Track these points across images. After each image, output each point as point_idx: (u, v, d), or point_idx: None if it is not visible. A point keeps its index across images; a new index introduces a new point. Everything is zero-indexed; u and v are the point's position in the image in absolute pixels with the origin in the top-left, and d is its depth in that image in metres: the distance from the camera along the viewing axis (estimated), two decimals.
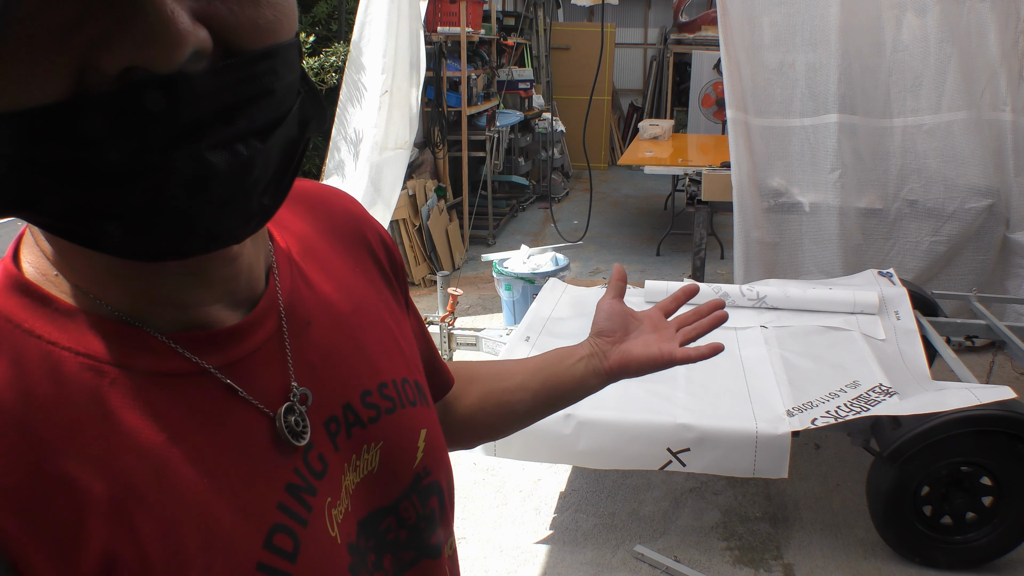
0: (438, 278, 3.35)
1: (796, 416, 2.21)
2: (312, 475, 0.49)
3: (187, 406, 0.45)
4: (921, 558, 2.43)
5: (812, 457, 3.04)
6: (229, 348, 0.48)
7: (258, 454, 0.47)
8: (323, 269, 0.58)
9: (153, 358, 0.45)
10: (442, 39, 5.44)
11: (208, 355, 0.47)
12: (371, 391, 0.56)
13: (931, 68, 3.70)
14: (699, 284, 2.03)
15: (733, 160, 3.80)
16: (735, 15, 3.68)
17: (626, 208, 7.42)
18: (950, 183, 3.79)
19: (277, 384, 0.50)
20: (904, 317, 2.85)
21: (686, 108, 8.82)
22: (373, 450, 0.55)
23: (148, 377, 0.44)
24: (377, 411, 0.56)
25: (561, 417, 2.21)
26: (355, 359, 0.56)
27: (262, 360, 0.50)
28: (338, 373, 0.54)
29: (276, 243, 0.55)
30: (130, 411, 0.43)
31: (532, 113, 7.45)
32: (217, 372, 0.47)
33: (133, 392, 0.43)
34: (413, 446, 0.59)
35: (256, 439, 0.48)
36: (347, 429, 0.53)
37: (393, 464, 0.56)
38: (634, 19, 9.75)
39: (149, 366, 0.45)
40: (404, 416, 0.58)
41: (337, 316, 0.56)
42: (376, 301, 0.62)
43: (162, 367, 0.45)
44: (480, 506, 2.77)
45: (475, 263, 5.48)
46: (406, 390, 0.59)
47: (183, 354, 0.46)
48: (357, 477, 0.53)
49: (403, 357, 0.62)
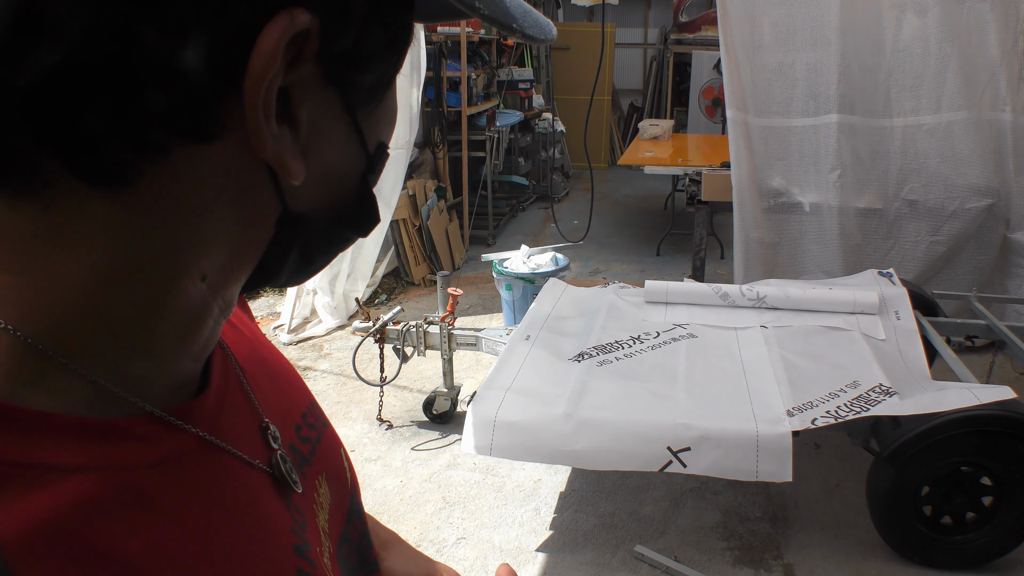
0: (438, 278, 3.35)
1: (796, 416, 2.21)
2: (300, 528, 0.45)
3: (197, 490, 0.38)
4: (921, 558, 2.43)
5: (812, 457, 3.04)
6: (211, 409, 0.43)
7: (269, 522, 0.43)
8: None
9: (148, 445, 0.37)
10: (442, 39, 5.44)
11: (200, 423, 0.41)
12: (299, 423, 0.53)
13: (931, 68, 3.70)
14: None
15: (733, 160, 3.80)
16: (735, 15, 3.68)
17: (626, 208, 7.42)
18: (950, 183, 3.79)
19: (253, 429, 0.46)
20: (904, 317, 2.85)
21: (686, 108, 8.82)
22: (323, 483, 0.52)
23: (146, 471, 0.36)
24: (311, 442, 0.53)
25: (561, 417, 2.21)
26: (277, 393, 0.53)
27: (234, 408, 0.45)
28: (274, 414, 0.50)
29: None
30: (140, 517, 0.35)
31: (532, 113, 7.45)
32: (212, 439, 0.41)
33: (129, 500, 0.35)
34: (343, 466, 0.57)
35: (262, 505, 0.43)
36: (300, 469, 0.49)
37: (337, 490, 0.54)
38: (634, 19, 9.75)
39: (145, 457, 0.36)
40: (328, 439, 0.56)
41: (247, 356, 0.52)
42: (254, 332, 0.57)
43: (162, 452, 0.37)
44: (480, 506, 2.77)
45: (475, 263, 5.48)
46: (316, 412, 0.57)
47: (179, 427, 0.39)
48: (325, 514, 0.51)
49: (298, 380, 0.58)
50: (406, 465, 3.05)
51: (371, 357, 3.39)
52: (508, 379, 2.42)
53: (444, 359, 3.30)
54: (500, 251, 4.13)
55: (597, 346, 2.66)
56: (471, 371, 3.81)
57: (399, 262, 5.10)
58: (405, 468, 3.03)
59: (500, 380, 2.41)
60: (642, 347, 2.67)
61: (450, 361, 3.31)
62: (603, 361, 2.56)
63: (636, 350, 2.65)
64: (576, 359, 2.57)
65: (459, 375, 3.62)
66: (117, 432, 0.36)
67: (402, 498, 2.83)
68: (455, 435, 3.22)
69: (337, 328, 4.37)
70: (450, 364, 3.32)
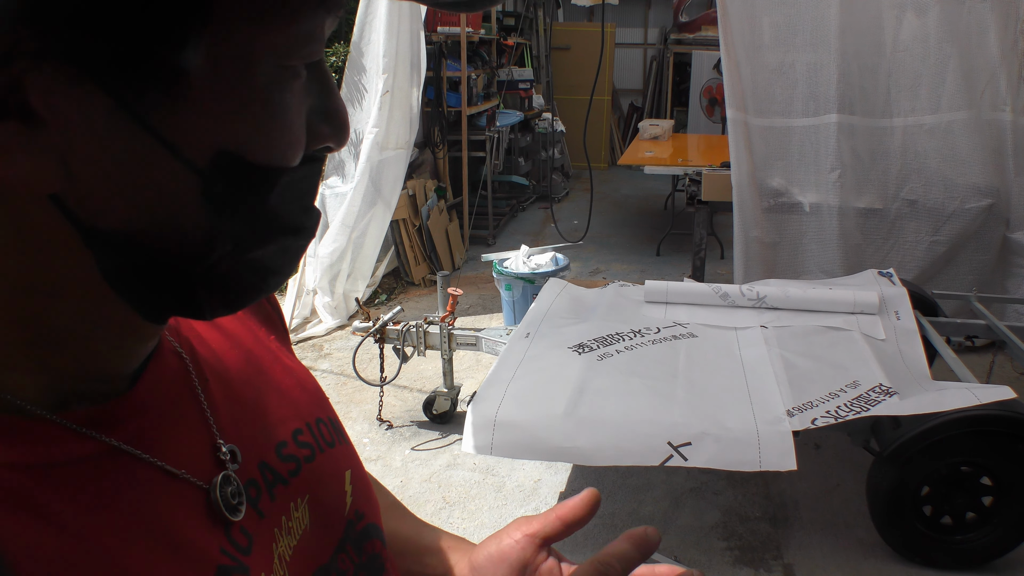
0: (438, 278, 3.35)
1: (796, 416, 2.21)
2: (239, 551, 0.42)
3: (93, 498, 0.36)
4: (921, 558, 2.43)
5: (812, 457, 3.04)
6: (137, 417, 0.41)
7: (185, 539, 0.40)
8: (208, 321, 0.52)
9: (48, 447, 0.36)
10: (442, 39, 5.45)
11: (114, 430, 0.39)
12: (286, 442, 0.50)
13: (931, 68, 3.70)
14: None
15: (733, 160, 3.80)
16: (735, 15, 3.68)
17: (626, 208, 7.42)
18: (950, 183, 3.79)
19: (199, 445, 0.44)
20: (904, 317, 2.85)
21: (686, 108, 8.82)
22: (302, 506, 0.49)
23: (31, 472, 0.35)
24: (296, 462, 0.50)
25: (561, 414, 2.21)
26: (260, 411, 0.50)
27: (175, 421, 0.43)
28: (246, 430, 0.48)
29: None
30: (12, 516, 0.33)
31: (532, 113, 7.45)
32: (128, 447, 0.39)
33: (15, 493, 0.33)
34: (341, 491, 0.53)
35: (182, 520, 0.40)
36: (268, 490, 0.47)
37: (324, 516, 0.51)
38: (634, 19, 9.75)
39: (40, 459, 0.35)
40: (326, 460, 0.52)
41: (232, 368, 0.50)
42: (264, 345, 0.56)
43: (60, 455, 0.36)
44: (480, 506, 2.77)
45: (475, 263, 5.48)
46: (322, 431, 0.54)
47: (86, 434, 0.37)
48: (293, 540, 0.47)
49: (309, 396, 0.56)
50: (406, 465, 3.05)
51: (371, 357, 3.39)
52: (508, 378, 2.42)
53: (444, 359, 3.30)
54: (500, 251, 4.13)
55: (597, 338, 2.64)
56: (471, 371, 3.81)
57: (399, 262, 5.10)
58: (405, 468, 3.03)
59: (500, 379, 2.41)
60: (642, 340, 2.66)
61: (450, 361, 3.31)
62: (603, 355, 2.55)
63: (636, 343, 2.64)
64: (576, 350, 2.56)
65: (459, 375, 3.62)
66: (20, 430, 0.35)
67: (402, 498, 2.82)
68: (455, 435, 3.22)
69: (337, 328, 4.37)
70: (450, 364, 3.32)
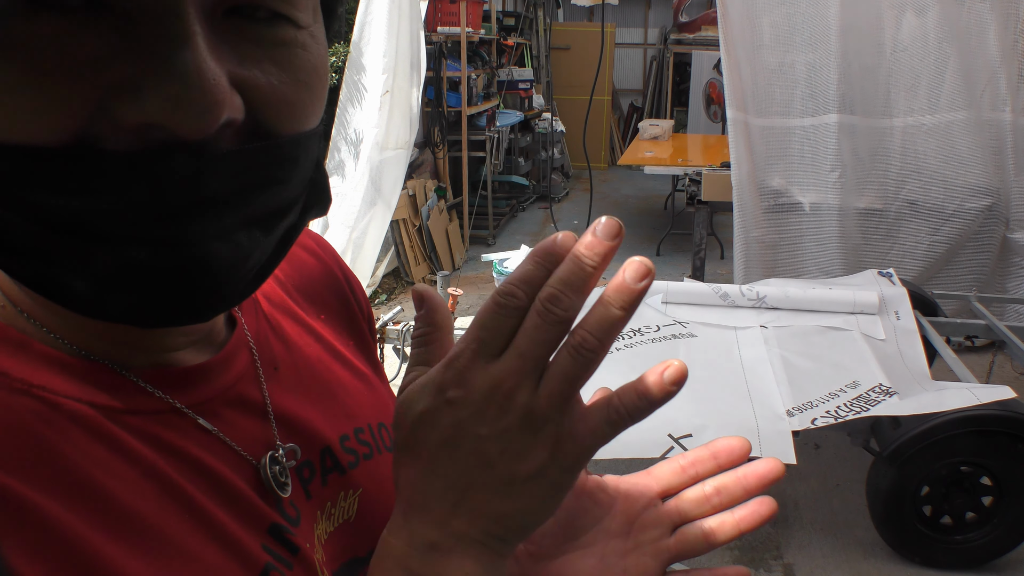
0: (438, 278, 3.35)
1: (796, 416, 2.21)
2: (288, 521, 0.46)
3: (157, 444, 0.40)
4: (921, 558, 2.43)
5: (812, 457, 3.04)
6: (200, 386, 0.44)
7: (243, 495, 0.43)
8: (288, 314, 0.55)
9: (116, 395, 0.40)
10: (442, 39, 5.45)
11: (177, 393, 0.43)
12: (348, 435, 0.53)
13: (930, 68, 3.70)
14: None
15: (733, 160, 3.80)
16: (735, 15, 3.68)
17: (626, 208, 7.42)
18: (950, 183, 3.79)
19: (255, 428, 0.47)
20: (904, 317, 2.85)
21: (686, 108, 8.82)
22: (351, 497, 0.51)
23: (111, 414, 0.39)
24: (356, 456, 0.53)
25: None
26: (328, 403, 0.53)
27: (236, 401, 0.46)
28: (312, 417, 0.51)
29: None
30: (94, 445, 0.37)
31: (532, 113, 7.45)
32: (189, 411, 0.43)
33: (96, 427, 0.38)
34: (392, 494, 0.56)
35: (239, 483, 0.43)
36: (323, 475, 0.50)
37: (372, 513, 0.52)
38: (634, 19, 9.76)
39: (111, 403, 0.39)
40: (382, 462, 0.54)
41: (305, 360, 0.53)
42: (344, 347, 0.59)
43: (126, 404, 0.40)
44: None
45: (475, 263, 5.48)
46: (383, 435, 0.56)
47: (150, 391, 0.41)
48: (331, 526, 0.49)
49: (377, 401, 0.58)
50: None
51: None
52: None
53: None
54: (500, 251, 4.13)
55: None
56: None
57: (399, 262, 5.10)
58: None
59: None
60: (642, 339, 2.66)
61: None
62: None
63: (636, 342, 2.64)
64: None
65: None
66: (92, 374, 0.39)
67: None
68: None
69: None
70: None
